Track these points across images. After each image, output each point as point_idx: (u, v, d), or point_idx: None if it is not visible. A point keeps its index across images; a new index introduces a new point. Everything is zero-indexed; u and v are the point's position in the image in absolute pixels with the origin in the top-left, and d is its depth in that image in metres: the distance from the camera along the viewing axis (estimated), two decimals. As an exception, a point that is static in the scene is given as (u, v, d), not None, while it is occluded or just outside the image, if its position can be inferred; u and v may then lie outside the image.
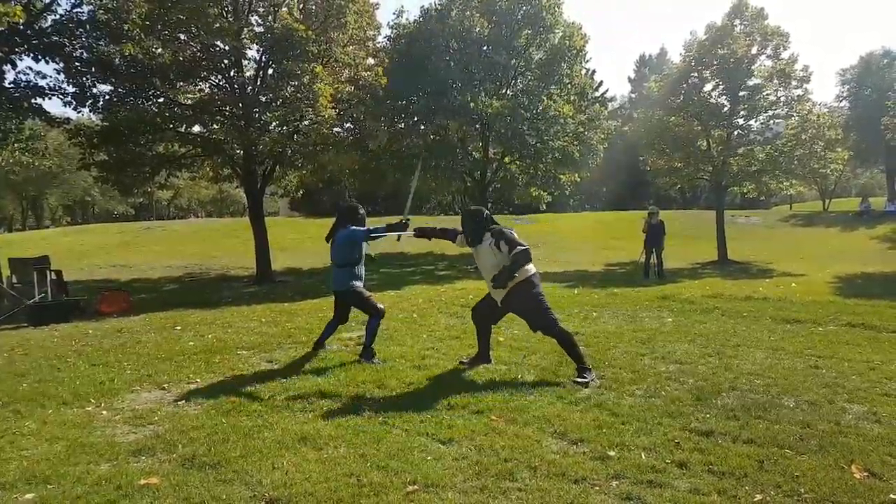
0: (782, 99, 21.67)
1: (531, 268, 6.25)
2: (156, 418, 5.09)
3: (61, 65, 14.79)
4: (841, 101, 47.76)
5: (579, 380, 5.85)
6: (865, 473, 3.81)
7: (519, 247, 6.05)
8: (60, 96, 15.16)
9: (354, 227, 7.13)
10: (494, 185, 24.93)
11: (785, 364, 6.61)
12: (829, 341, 7.85)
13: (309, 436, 4.50)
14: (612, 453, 4.13)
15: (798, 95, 21.63)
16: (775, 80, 21.35)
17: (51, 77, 15.25)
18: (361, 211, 7.40)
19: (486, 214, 6.49)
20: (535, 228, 32.95)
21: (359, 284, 7.21)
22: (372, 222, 7.62)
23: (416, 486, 3.67)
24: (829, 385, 5.74)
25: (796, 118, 21.54)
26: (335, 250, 7.24)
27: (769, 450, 4.17)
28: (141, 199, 57.21)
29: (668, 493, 3.57)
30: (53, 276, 12.29)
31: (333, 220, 7.52)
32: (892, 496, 3.50)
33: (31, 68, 32.46)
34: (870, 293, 12.69)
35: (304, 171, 20.42)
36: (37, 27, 14.05)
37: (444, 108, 20.03)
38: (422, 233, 7.10)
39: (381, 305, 7.32)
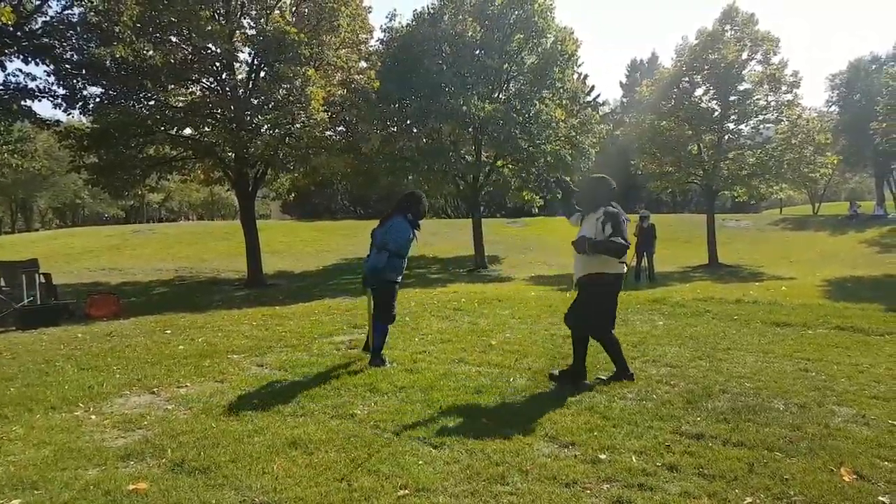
0: (772, 103, 21.82)
1: (617, 265, 5.88)
2: (145, 423, 5.05)
3: (51, 67, 14.74)
4: (831, 107, 48.07)
5: (614, 377, 5.97)
6: (854, 476, 3.82)
7: (621, 238, 5.65)
8: (50, 98, 15.11)
9: (407, 228, 6.64)
10: (487, 189, 24.97)
11: (775, 367, 6.63)
12: (819, 344, 7.88)
13: (299, 440, 4.48)
14: (602, 456, 4.14)
15: (788, 100, 21.79)
16: (765, 85, 21.50)
17: (41, 79, 15.22)
18: (426, 202, 6.91)
19: (613, 188, 6.06)
20: (528, 232, 33.03)
21: (399, 280, 6.78)
22: (367, 225, 7.57)
23: (407, 491, 3.66)
24: (818, 388, 5.76)
25: (786, 123, 21.68)
26: (389, 233, 6.59)
27: (759, 452, 4.18)
28: (132, 202, 56.91)
29: (659, 496, 3.58)
30: (42, 280, 12.22)
31: (391, 208, 6.96)
32: (881, 499, 3.51)
33: (20, 70, 32.28)
34: (859, 296, 12.76)
35: (296, 174, 20.44)
36: (27, 29, 14.00)
37: (436, 111, 20.03)
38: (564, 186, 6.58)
39: (395, 313, 6.94)
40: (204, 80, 17.35)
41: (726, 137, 22.50)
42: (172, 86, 16.81)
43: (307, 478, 3.85)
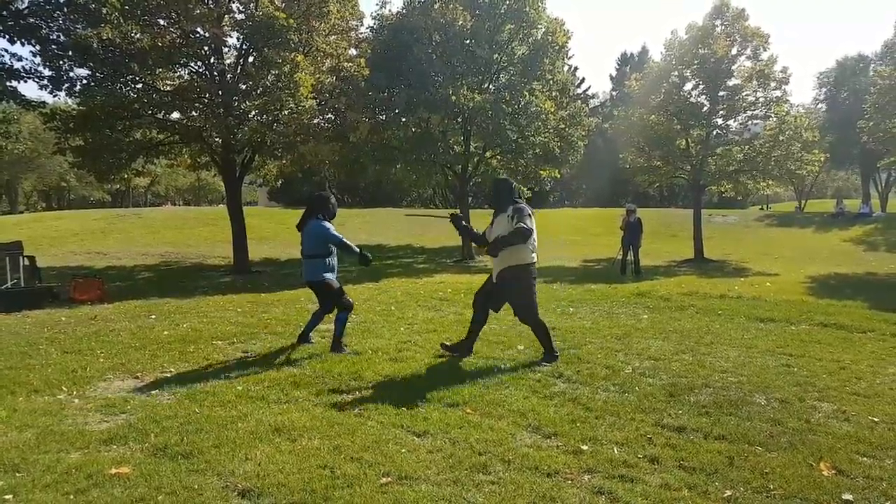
0: (761, 100, 21.85)
1: (529, 256, 6.40)
2: (128, 407, 5.04)
3: (37, 47, 14.52)
4: (818, 104, 48.36)
5: (545, 363, 6.32)
6: (834, 471, 3.87)
7: (521, 224, 6.18)
8: (36, 79, 14.89)
9: (327, 226, 7.08)
10: (475, 180, 24.93)
11: (757, 362, 6.70)
12: (801, 340, 7.97)
13: (283, 427, 4.49)
14: (584, 447, 4.17)
15: (776, 97, 21.82)
16: (754, 81, 21.52)
17: (27, 60, 14.96)
18: (333, 201, 7.39)
19: (514, 186, 6.82)
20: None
21: (331, 276, 7.17)
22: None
23: (389, 479, 3.68)
24: (800, 383, 5.83)
25: (774, 119, 21.75)
26: (305, 240, 7.18)
27: (740, 446, 4.23)
28: (118, 186, 56.34)
29: (640, 487, 3.62)
30: (26, 262, 12.12)
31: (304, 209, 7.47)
32: (846, 497, 3.55)
33: (6, 50, 31.93)
34: (842, 294, 12.89)
35: (284, 161, 20.26)
36: (13, 8, 13.79)
37: (425, 100, 19.94)
38: (457, 222, 7.00)
39: (350, 300, 7.33)
40: (192, 65, 17.15)
41: (714, 133, 22.57)
42: (160, 69, 16.60)
43: (290, 464, 3.85)
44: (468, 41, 20.90)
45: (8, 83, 14.34)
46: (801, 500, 3.51)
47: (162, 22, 15.81)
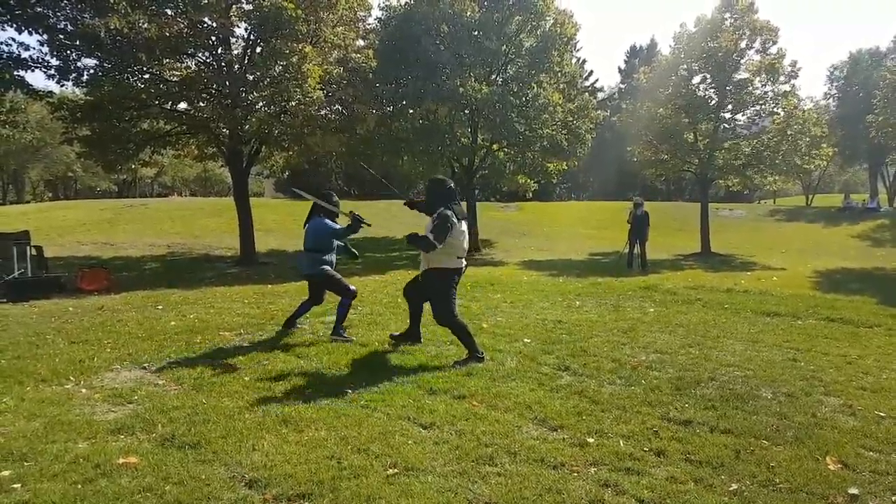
0: (769, 94, 21.72)
1: (452, 261, 6.29)
2: (135, 397, 5.06)
3: (45, 37, 14.51)
4: (829, 98, 48.09)
5: (461, 361, 6.13)
6: (840, 465, 3.87)
7: (428, 236, 6.08)
8: (44, 69, 14.89)
9: (329, 223, 7.41)
10: (482, 172, 24.89)
11: (764, 356, 6.69)
12: (808, 335, 7.95)
13: (290, 418, 4.50)
14: (591, 440, 4.17)
15: (785, 91, 21.71)
16: (763, 75, 21.40)
17: (34, 49, 14.86)
18: (335, 199, 7.65)
19: (450, 187, 6.49)
20: (522, 216, 33.03)
21: (328, 268, 7.47)
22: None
23: (396, 470, 3.69)
24: (806, 378, 5.82)
25: (782, 113, 21.62)
26: (308, 237, 7.51)
27: (746, 440, 4.23)
28: (124, 176, 56.47)
29: (646, 480, 3.62)
30: (33, 252, 12.15)
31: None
32: (852, 491, 3.55)
33: (13, 39, 32.00)
34: (848, 289, 12.85)
35: (291, 153, 20.25)
36: (21, -3, 13.78)
37: (433, 92, 19.87)
38: (412, 204, 7.04)
39: (352, 287, 7.51)
40: (199, 55, 17.12)
41: (722, 127, 22.46)
42: (167, 59, 16.60)
43: (297, 455, 3.87)
44: (476, 32, 20.81)
45: (15, 72, 14.32)
46: (807, 493, 3.51)
47: (169, 12, 15.75)
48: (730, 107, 22.09)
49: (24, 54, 14.67)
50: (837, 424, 4.58)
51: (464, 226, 6.37)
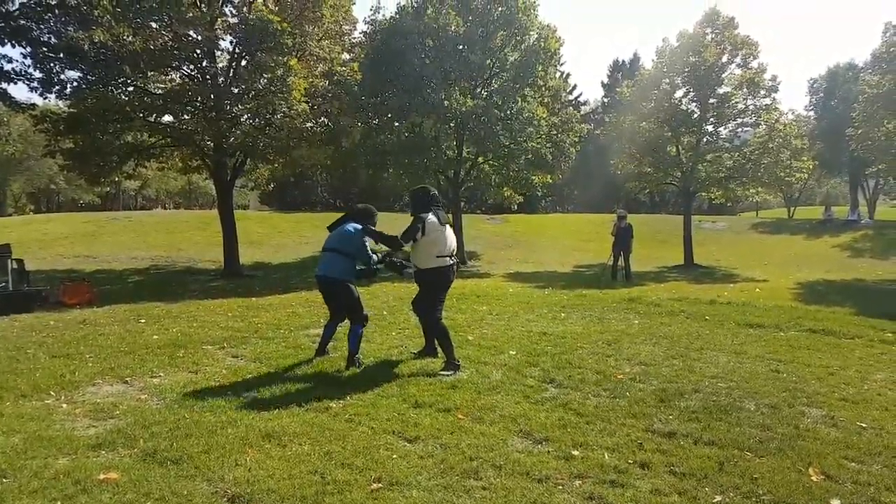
0: (751, 107, 22.01)
1: (433, 261, 6.45)
2: (117, 412, 5.01)
3: (28, 49, 14.46)
4: (809, 111, 48.71)
5: (443, 372, 6.24)
6: (822, 476, 3.90)
7: (395, 235, 6.49)
8: (26, 81, 14.83)
9: (371, 228, 6.73)
10: (468, 185, 24.96)
11: (747, 367, 6.73)
12: (791, 346, 8.01)
13: (273, 432, 4.47)
14: (575, 453, 4.17)
15: (766, 104, 22.00)
16: (744, 89, 21.69)
17: (17, 61, 14.81)
18: (376, 219, 6.97)
19: (430, 196, 6.69)
20: (507, 229, 33.09)
21: (351, 280, 6.66)
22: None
23: (380, 484, 3.67)
24: (789, 389, 5.86)
25: (764, 126, 21.91)
26: (338, 237, 6.68)
27: (729, 451, 4.25)
28: (108, 189, 56.01)
29: (630, 492, 3.62)
30: (15, 265, 12.00)
31: (341, 215, 7.05)
32: (834, 502, 3.57)
33: (-4, 52, 31.73)
34: (830, 300, 12.98)
35: (276, 165, 20.23)
36: (3, 10, 13.72)
37: (418, 105, 19.95)
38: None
39: (366, 313, 6.78)
40: (184, 68, 17.11)
41: (704, 140, 22.72)
42: (152, 72, 16.56)
43: (280, 470, 3.84)
44: (461, 46, 20.93)
45: (-2, 85, 14.27)
46: (790, 505, 3.53)
47: (154, 25, 15.75)
48: (712, 120, 22.35)
49: (7, 66, 14.64)
50: (820, 435, 4.61)
51: (448, 229, 6.56)
